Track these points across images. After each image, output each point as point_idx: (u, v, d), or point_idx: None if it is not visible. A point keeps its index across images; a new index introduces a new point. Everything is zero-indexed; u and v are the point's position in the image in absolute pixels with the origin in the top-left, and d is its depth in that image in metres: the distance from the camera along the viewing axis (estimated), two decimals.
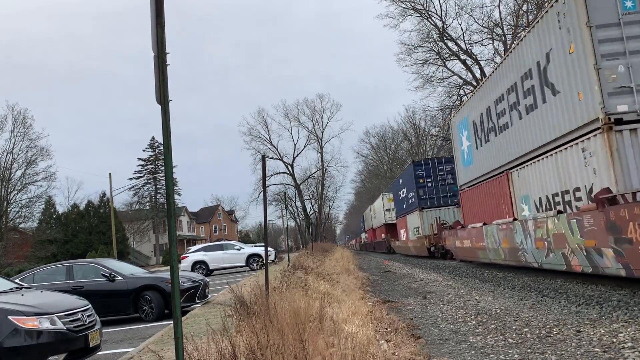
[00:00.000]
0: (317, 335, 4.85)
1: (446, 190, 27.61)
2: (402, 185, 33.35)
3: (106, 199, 52.03)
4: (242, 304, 7.76)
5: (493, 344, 6.26)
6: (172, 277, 3.81)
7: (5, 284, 7.98)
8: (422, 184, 27.80)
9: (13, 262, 40.08)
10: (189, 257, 29.23)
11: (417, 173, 28.08)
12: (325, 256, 27.45)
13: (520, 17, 36.56)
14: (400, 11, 41.32)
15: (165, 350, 7.21)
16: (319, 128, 73.28)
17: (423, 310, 9.63)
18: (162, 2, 3.74)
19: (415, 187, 28.03)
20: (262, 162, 11.21)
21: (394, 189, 38.81)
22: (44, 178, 48.77)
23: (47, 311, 6.69)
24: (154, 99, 3.79)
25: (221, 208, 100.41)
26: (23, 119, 47.60)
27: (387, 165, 75.95)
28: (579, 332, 6.41)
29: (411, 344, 6.23)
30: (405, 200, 32.40)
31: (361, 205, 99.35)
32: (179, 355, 3.73)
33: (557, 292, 10.03)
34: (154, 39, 3.76)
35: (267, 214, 10.52)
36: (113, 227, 44.47)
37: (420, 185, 27.83)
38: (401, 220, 34.95)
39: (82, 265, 13.03)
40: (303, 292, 8.88)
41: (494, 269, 16.39)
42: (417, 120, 62.92)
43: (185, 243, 68.66)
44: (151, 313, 12.01)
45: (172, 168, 3.97)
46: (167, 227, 3.93)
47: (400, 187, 34.18)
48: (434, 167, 28.16)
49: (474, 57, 41.02)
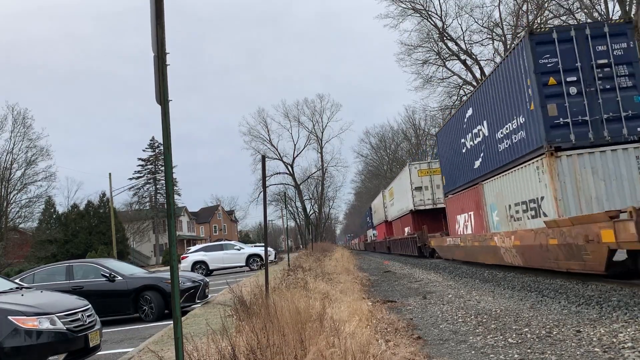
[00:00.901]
0: (317, 335, 4.85)
1: (615, 103, 11.75)
2: (478, 114, 16.60)
3: (106, 199, 52.04)
4: (242, 304, 7.76)
5: (493, 344, 6.26)
6: (172, 277, 3.81)
7: (5, 284, 7.98)
8: (556, 89, 11.88)
9: (13, 262, 40.07)
10: (189, 257, 29.23)
11: (541, 62, 11.95)
12: (325, 256, 27.45)
13: (520, 17, 36.54)
14: (400, 11, 41.33)
15: (165, 350, 7.21)
16: (319, 128, 73.32)
17: (423, 310, 9.63)
18: (162, 2, 3.74)
19: (538, 95, 11.90)
20: (262, 162, 11.21)
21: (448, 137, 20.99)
22: (43, 178, 48.86)
23: (47, 311, 6.69)
24: (154, 99, 3.79)
25: (221, 208, 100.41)
26: (23, 119, 47.70)
27: (387, 165, 75.93)
28: (579, 332, 6.41)
29: (411, 344, 6.23)
30: (489, 144, 15.75)
31: (361, 205, 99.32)
32: (179, 355, 3.73)
33: (557, 292, 10.03)
34: (154, 39, 3.76)
35: (267, 214, 10.52)
36: (113, 227, 44.47)
37: (554, 92, 11.89)
38: (464, 197, 18.97)
39: (82, 265, 13.03)
40: (303, 292, 8.89)
41: (494, 269, 16.39)
42: (417, 120, 62.99)
43: (185, 243, 68.67)
44: (151, 313, 12.01)
45: (172, 168, 3.97)
46: (167, 227, 3.93)
47: (472, 122, 17.35)
48: (583, 48, 11.92)
49: (474, 57, 41.03)
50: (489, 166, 15.90)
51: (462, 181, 19.33)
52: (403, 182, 31.86)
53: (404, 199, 31.64)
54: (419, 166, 29.81)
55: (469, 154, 17.91)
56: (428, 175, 29.18)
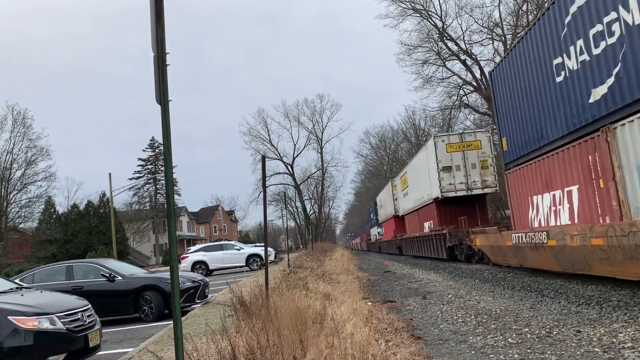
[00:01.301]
0: (317, 335, 4.85)
1: None
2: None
3: (106, 199, 52.04)
4: (242, 304, 7.76)
5: (493, 344, 6.26)
6: (172, 277, 3.81)
7: (5, 284, 7.97)
8: None
9: (13, 262, 40.06)
10: (189, 257, 29.23)
11: None
12: (325, 256, 27.46)
13: (520, 17, 36.57)
14: (400, 11, 41.36)
15: (165, 350, 7.21)
16: (318, 128, 73.37)
17: (423, 310, 9.63)
18: (162, 2, 3.74)
19: None
20: (262, 162, 11.21)
21: (520, 68, 13.79)
22: (43, 178, 48.79)
23: (47, 311, 6.69)
24: (154, 99, 3.79)
25: (221, 208, 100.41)
26: (23, 119, 47.63)
27: (387, 165, 75.93)
28: (579, 332, 6.41)
29: (411, 344, 6.23)
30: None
31: (361, 206, 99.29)
32: (179, 355, 3.73)
33: (557, 292, 10.03)
34: (154, 39, 3.76)
35: (267, 214, 10.52)
36: (113, 227, 44.47)
37: None
38: (555, 162, 12.06)
39: (82, 265, 13.03)
40: (303, 292, 8.89)
41: (494, 269, 16.38)
42: (417, 120, 62.86)
43: (185, 243, 68.65)
44: (151, 313, 12.01)
45: (172, 168, 3.96)
46: (167, 227, 3.93)
47: (591, 13, 10.07)
48: None
49: (473, 57, 41.04)
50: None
51: (552, 135, 12.24)
52: (424, 163, 24.90)
53: (425, 185, 24.94)
54: (448, 139, 22.34)
55: (578, 79, 10.83)
56: (460, 150, 21.92)
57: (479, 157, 21.84)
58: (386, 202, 42.19)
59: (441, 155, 22.15)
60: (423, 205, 26.44)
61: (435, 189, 22.62)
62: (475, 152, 21.63)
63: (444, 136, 22.97)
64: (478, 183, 21.62)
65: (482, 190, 21.83)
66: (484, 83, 39.93)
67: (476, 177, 21.75)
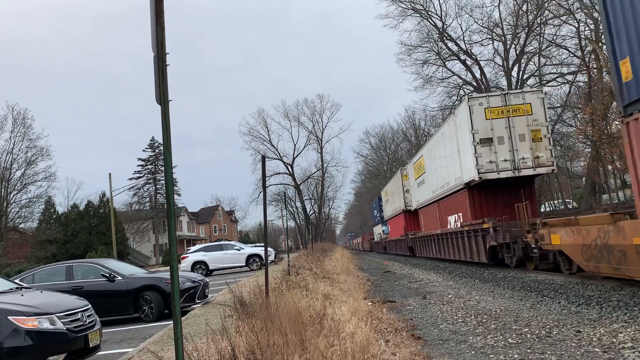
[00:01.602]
0: (317, 335, 4.85)
1: None
2: None
3: (106, 199, 52.03)
4: (242, 304, 7.76)
5: (493, 344, 6.26)
6: (172, 277, 3.81)
7: (5, 284, 7.98)
8: None
9: (13, 262, 40.04)
10: (189, 257, 29.22)
11: None
12: (325, 256, 27.47)
13: (520, 17, 36.57)
14: (400, 11, 41.40)
15: (165, 350, 7.21)
16: (318, 128, 73.43)
17: (423, 310, 9.63)
18: (161, 3, 3.74)
19: None
20: (262, 162, 11.21)
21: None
22: (43, 178, 48.77)
23: (47, 311, 6.69)
24: (154, 99, 3.79)
25: (221, 208, 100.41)
26: (23, 119, 47.62)
27: (387, 165, 75.99)
28: (579, 332, 6.41)
29: (411, 344, 6.23)
30: None
31: (361, 206, 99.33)
32: (179, 355, 3.73)
33: (557, 293, 10.03)
34: (154, 39, 3.75)
35: (267, 214, 10.52)
36: (113, 227, 44.47)
37: None
38: None
39: (81, 265, 13.03)
40: (303, 293, 8.89)
41: (494, 269, 16.38)
42: (417, 120, 62.96)
43: (185, 243, 68.65)
44: (151, 313, 12.01)
45: (172, 168, 3.96)
46: (167, 227, 3.92)
47: None
48: None
49: (473, 57, 41.07)
50: None
51: None
52: (451, 137, 19.23)
53: (452, 167, 19.43)
54: (488, 102, 16.76)
55: None
56: (503, 117, 16.57)
57: (530, 126, 16.57)
58: (394, 196, 36.78)
59: (478, 124, 16.62)
60: (447, 195, 20.99)
61: (469, 170, 17.13)
62: (524, 118, 16.52)
63: (482, 98, 17.06)
64: (528, 160, 16.39)
65: (533, 170, 16.59)
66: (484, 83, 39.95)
67: (525, 153, 16.44)
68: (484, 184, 17.22)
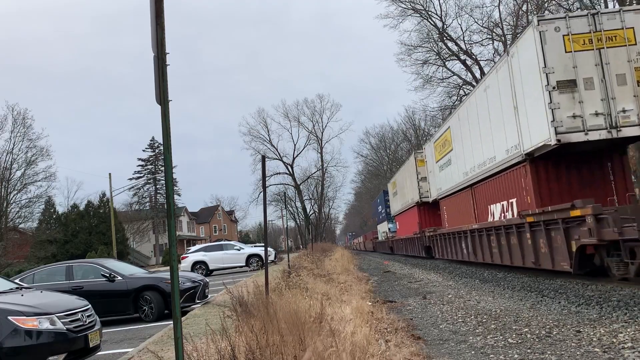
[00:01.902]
0: (317, 335, 4.85)
1: None
2: None
3: (106, 199, 52.01)
4: (242, 304, 7.76)
5: (493, 344, 6.26)
6: (172, 277, 3.81)
7: (5, 284, 7.97)
8: None
9: (13, 262, 40.02)
10: (189, 257, 29.22)
11: None
12: (325, 256, 27.46)
13: (520, 17, 36.56)
14: (400, 11, 41.34)
15: (165, 350, 7.21)
16: (318, 128, 73.40)
17: (423, 310, 9.63)
18: (161, 3, 3.74)
19: None
20: (262, 162, 11.21)
21: None
22: (43, 178, 48.77)
23: (47, 311, 6.69)
24: (154, 99, 3.79)
25: (221, 208, 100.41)
26: (23, 119, 47.62)
27: (387, 165, 75.99)
28: (579, 332, 6.41)
29: (411, 344, 6.23)
30: None
31: (361, 206, 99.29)
32: (179, 355, 3.73)
33: (557, 292, 10.03)
34: (154, 39, 3.75)
35: (267, 214, 10.52)
36: (113, 227, 44.46)
37: None
38: None
39: (81, 265, 13.03)
40: (303, 293, 8.89)
41: (493, 269, 16.37)
42: (417, 120, 62.95)
43: (185, 243, 68.64)
44: (151, 313, 12.00)
45: (172, 168, 3.96)
46: (167, 227, 3.92)
47: None
48: None
49: (473, 57, 41.05)
50: None
51: None
52: (506, 88, 13.49)
53: (502, 133, 14.04)
54: (568, 25, 11.39)
55: None
56: (592, 48, 11.30)
57: (633, 62, 11.22)
58: (405, 186, 30.83)
59: (554, 59, 11.30)
60: (489, 175, 15.84)
61: (539, 130, 11.75)
62: (623, 50, 11.25)
63: (558, 20, 11.54)
64: (632, 114, 11.08)
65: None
66: None
67: (627, 102, 11.11)
68: (556, 154, 11.93)
